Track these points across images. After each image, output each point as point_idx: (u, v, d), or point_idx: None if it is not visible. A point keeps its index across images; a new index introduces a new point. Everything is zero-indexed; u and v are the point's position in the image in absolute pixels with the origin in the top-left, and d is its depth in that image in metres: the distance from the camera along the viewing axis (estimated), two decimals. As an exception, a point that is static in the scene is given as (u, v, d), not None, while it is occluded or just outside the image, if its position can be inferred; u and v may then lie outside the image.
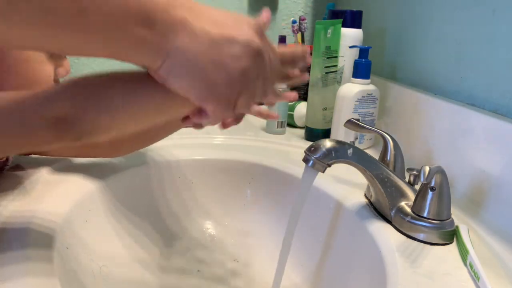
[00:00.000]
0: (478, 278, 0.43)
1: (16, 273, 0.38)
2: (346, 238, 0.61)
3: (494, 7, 0.63)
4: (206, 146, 0.84)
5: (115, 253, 0.62)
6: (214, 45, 0.37)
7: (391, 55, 0.94)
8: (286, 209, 0.58)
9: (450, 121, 0.67)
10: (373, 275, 0.51)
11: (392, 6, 0.94)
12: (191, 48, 0.36)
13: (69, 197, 0.57)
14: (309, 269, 0.67)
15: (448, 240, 0.52)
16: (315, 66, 0.87)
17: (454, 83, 0.71)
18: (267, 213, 0.75)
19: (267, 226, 0.74)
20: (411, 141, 0.75)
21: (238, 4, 1.24)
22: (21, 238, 0.45)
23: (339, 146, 0.53)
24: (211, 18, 0.38)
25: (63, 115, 0.38)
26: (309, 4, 1.29)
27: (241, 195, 0.77)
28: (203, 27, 0.37)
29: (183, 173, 0.74)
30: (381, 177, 0.55)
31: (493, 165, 0.57)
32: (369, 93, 0.82)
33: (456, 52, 0.71)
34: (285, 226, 0.57)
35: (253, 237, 0.74)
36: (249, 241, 0.74)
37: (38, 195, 0.56)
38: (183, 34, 0.36)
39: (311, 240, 0.67)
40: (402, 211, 0.54)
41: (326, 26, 0.86)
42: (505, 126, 0.56)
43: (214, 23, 0.38)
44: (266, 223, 0.75)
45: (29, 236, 0.46)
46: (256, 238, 0.74)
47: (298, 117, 0.99)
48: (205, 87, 0.38)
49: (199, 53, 0.37)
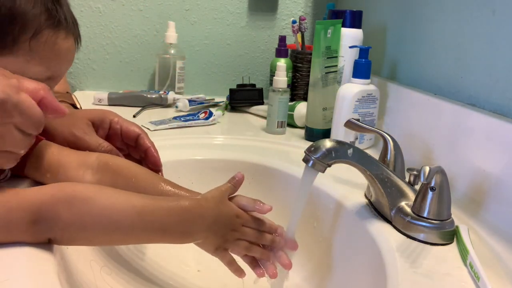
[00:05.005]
0: (478, 278, 0.43)
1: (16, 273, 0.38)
2: (346, 238, 0.61)
3: (494, 7, 0.63)
4: (206, 146, 0.84)
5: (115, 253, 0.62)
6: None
7: (391, 55, 0.94)
8: (286, 209, 0.58)
9: (450, 121, 0.67)
10: (373, 275, 0.51)
11: (392, 6, 0.94)
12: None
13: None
14: (309, 269, 0.67)
15: (448, 240, 0.52)
16: (315, 66, 0.87)
17: (454, 83, 0.71)
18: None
19: (267, 226, 0.74)
20: (411, 141, 0.75)
21: (238, 4, 1.24)
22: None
23: (339, 146, 0.53)
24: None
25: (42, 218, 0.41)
26: (309, 4, 1.29)
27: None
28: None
29: (183, 173, 0.74)
30: (381, 177, 0.55)
31: (493, 165, 0.57)
32: (369, 93, 0.82)
33: (456, 52, 0.71)
34: (285, 226, 0.57)
35: (253, 237, 0.74)
36: (249, 241, 0.74)
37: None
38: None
39: (311, 240, 0.67)
40: (402, 211, 0.54)
41: (326, 26, 0.86)
42: (505, 126, 0.56)
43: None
44: (266, 223, 0.74)
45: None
46: (256, 238, 0.74)
47: (298, 117, 0.99)
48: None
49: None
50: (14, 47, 0.43)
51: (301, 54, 1.13)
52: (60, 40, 0.47)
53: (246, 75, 1.23)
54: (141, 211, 0.45)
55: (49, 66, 0.47)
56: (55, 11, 0.46)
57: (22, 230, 0.41)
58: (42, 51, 0.45)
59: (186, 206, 0.48)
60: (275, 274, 0.55)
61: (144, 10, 1.19)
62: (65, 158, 0.54)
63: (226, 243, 0.52)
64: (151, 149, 0.62)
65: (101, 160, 0.55)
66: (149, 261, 0.67)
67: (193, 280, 0.68)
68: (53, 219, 0.41)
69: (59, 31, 0.47)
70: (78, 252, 0.53)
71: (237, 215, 0.52)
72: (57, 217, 0.41)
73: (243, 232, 0.53)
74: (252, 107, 1.12)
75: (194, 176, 0.76)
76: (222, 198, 0.52)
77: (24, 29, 0.44)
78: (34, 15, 0.44)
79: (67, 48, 0.49)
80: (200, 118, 0.98)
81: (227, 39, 1.26)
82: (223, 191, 0.53)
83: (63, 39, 0.48)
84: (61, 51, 0.48)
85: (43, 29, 0.45)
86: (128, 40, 1.20)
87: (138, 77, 1.23)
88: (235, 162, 0.77)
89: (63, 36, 0.48)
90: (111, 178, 0.54)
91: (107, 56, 1.20)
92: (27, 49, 0.44)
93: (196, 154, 0.80)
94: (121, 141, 0.63)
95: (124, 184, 0.53)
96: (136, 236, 0.47)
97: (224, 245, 0.52)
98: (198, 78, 1.26)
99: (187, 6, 1.22)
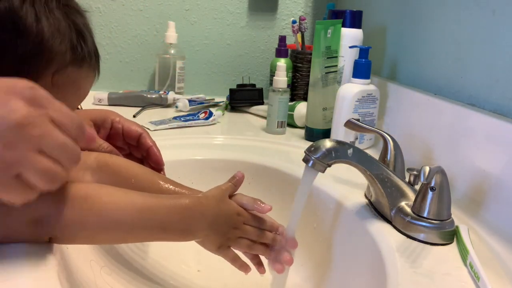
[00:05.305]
0: (478, 278, 0.43)
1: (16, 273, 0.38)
2: (346, 238, 0.61)
3: (494, 7, 0.63)
4: (206, 146, 0.84)
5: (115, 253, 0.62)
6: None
7: (391, 55, 0.94)
8: (286, 209, 0.58)
9: (450, 121, 0.67)
10: (373, 275, 0.51)
11: (392, 6, 0.94)
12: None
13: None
14: (309, 269, 0.67)
15: (448, 240, 0.52)
16: (315, 66, 0.87)
17: (454, 83, 0.71)
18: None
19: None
20: (411, 141, 0.75)
21: (238, 4, 1.24)
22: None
23: (339, 146, 0.53)
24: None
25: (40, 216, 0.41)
26: (309, 4, 1.29)
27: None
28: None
29: (183, 173, 0.74)
30: (381, 177, 0.55)
31: (493, 165, 0.57)
32: (369, 93, 0.82)
33: (456, 52, 0.71)
34: (285, 226, 0.57)
35: (253, 237, 0.74)
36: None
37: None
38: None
39: (311, 240, 0.67)
40: (402, 211, 0.54)
41: (326, 26, 0.86)
42: (505, 126, 0.56)
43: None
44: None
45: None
46: (256, 238, 0.74)
47: (298, 117, 0.99)
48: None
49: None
50: (37, 80, 0.44)
51: (301, 54, 1.13)
52: (81, 76, 0.47)
53: (246, 75, 1.23)
54: (142, 209, 0.45)
55: (67, 99, 0.46)
56: (80, 49, 0.46)
57: (22, 229, 0.41)
58: (63, 86, 0.46)
59: (186, 204, 0.48)
60: (281, 269, 0.55)
61: (144, 10, 1.19)
62: None
63: (228, 241, 0.52)
64: (153, 148, 0.63)
65: (100, 160, 0.55)
66: (149, 261, 0.67)
67: (193, 280, 0.68)
68: (54, 218, 0.41)
69: (82, 68, 0.47)
70: (78, 251, 0.53)
71: (238, 213, 0.52)
72: (58, 215, 0.42)
73: (244, 230, 0.53)
74: (252, 107, 1.12)
75: (194, 176, 0.76)
76: (222, 197, 0.52)
77: (49, 65, 0.44)
78: (60, 52, 0.44)
79: (88, 83, 0.49)
80: (200, 118, 0.98)
81: (227, 39, 1.26)
82: (223, 190, 0.53)
83: (85, 76, 0.48)
84: (81, 86, 0.48)
85: (67, 66, 0.45)
86: (128, 40, 1.20)
87: (138, 77, 1.23)
88: (235, 162, 0.77)
89: (85, 73, 0.48)
90: (110, 177, 0.54)
91: (107, 56, 1.20)
92: (49, 83, 0.44)
93: (196, 154, 0.80)
94: (123, 140, 0.64)
95: (124, 183, 0.53)
96: (136, 234, 0.47)
97: (226, 243, 0.52)
98: (198, 78, 1.26)
99: (187, 6, 1.22)
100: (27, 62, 0.43)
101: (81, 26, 0.47)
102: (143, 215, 0.45)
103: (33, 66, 0.43)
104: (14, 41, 0.42)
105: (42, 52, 0.43)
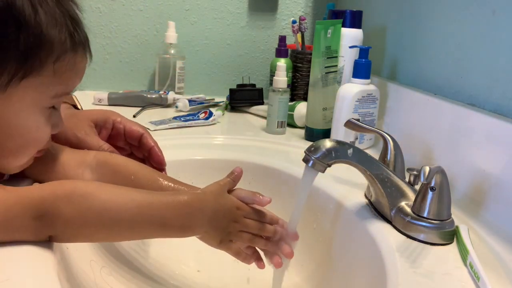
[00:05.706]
0: (478, 278, 0.43)
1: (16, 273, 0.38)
2: (346, 238, 0.61)
3: (494, 8, 0.63)
4: (206, 146, 0.84)
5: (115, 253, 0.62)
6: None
7: (391, 55, 0.94)
8: (286, 209, 0.58)
9: (450, 121, 0.67)
10: (373, 275, 0.51)
11: (392, 6, 0.94)
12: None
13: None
14: (309, 269, 0.67)
15: (448, 240, 0.52)
16: (315, 66, 0.87)
17: (454, 83, 0.71)
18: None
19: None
20: (411, 141, 0.75)
21: (238, 4, 1.24)
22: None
23: (339, 146, 0.53)
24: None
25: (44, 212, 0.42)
26: (309, 4, 1.29)
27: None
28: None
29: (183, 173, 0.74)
30: (381, 177, 0.55)
31: (493, 165, 0.57)
32: (369, 93, 0.82)
33: (456, 52, 0.71)
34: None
35: (253, 237, 0.74)
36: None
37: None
38: None
39: (311, 240, 0.67)
40: (402, 211, 0.54)
41: (326, 26, 0.86)
42: (505, 126, 0.56)
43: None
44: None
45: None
46: (256, 238, 0.74)
47: (298, 117, 0.99)
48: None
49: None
50: (40, 71, 0.45)
51: (301, 54, 1.13)
52: (78, 60, 0.49)
53: (246, 75, 1.23)
54: (141, 206, 0.46)
55: (68, 84, 0.49)
56: (77, 35, 0.48)
57: (23, 228, 0.41)
58: (64, 72, 0.47)
59: (185, 200, 0.48)
60: (280, 263, 0.55)
61: (144, 10, 1.19)
62: (64, 157, 0.55)
63: (229, 235, 0.52)
64: (155, 148, 0.63)
65: (99, 159, 0.56)
66: (150, 260, 0.67)
67: (193, 280, 0.68)
68: (54, 216, 0.42)
69: (78, 53, 0.48)
70: (78, 251, 0.53)
71: (237, 207, 0.53)
72: (58, 213, 0.42)
73: (245, 223, 0.53)
74: (252, 107, 1.12)
75: (194, 176, 0.76)
76: (221, 192, 0.52)
77: (50, 54, 0.45)
78: (60, 41, 0.46)
79: (83, 66, 0.51)
80: (200, 118, 0.98)
81: (227, 39, 1.26)
82: (222, 185, 0.53)
83: (81, 59, 0.49)
84: (78, 69, 0.50)
85: (66, 53, 0.47)
86: (128, 40, 1.20)
87: (138, 77, 1.23)
88: (235, 162, 0.77)
89: (81, 57, 0.49)
90: (110, 175, 0.54)
91: (107, 56, 1.20)
92: (51, 71, 0.46)
93: (196, 154, 0.80)
94: (124, 141, 0.64)
95: (123, 181, 0.53)
96: (136, 231, 0.47)
97: (227, 237, 0.52)
98: (198, 78, 1.26)
99: (187, 6, 1.22)
100: (30, 55, 0.44)
101: (73, 12, 0.48)
102: (142, 212, 0.46)
103: (36, 57, 0.44)
104: (17, 35, 0.42)
105: (43, 42, 0.44)
